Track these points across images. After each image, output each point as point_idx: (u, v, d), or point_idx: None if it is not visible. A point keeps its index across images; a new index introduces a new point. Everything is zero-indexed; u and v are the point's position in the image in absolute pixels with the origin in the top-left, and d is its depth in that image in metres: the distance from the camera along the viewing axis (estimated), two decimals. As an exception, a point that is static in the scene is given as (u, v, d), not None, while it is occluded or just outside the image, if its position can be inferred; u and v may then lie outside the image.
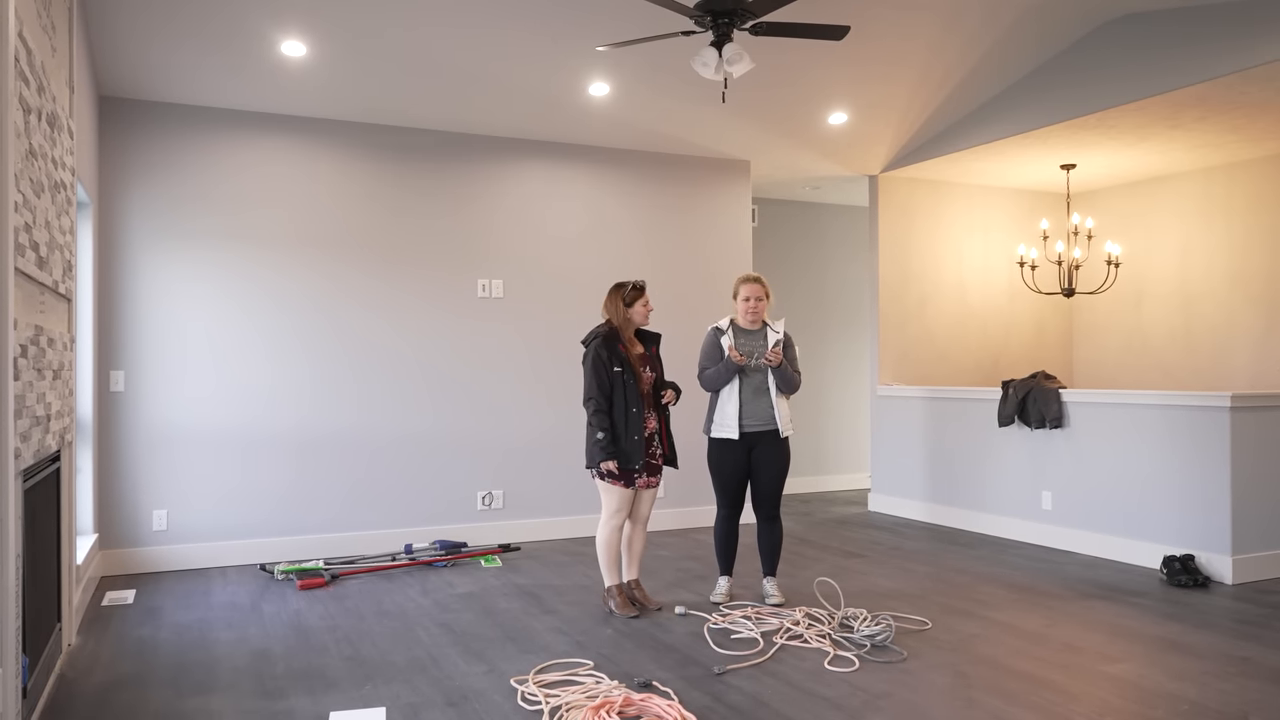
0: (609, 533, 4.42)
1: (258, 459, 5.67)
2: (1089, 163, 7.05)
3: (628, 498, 4.40)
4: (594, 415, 4.34)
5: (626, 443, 4.34)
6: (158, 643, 4.05)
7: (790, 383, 4.59)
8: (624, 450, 4.34)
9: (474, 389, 6.26)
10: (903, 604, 4.57)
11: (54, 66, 3.61)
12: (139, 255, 5.45)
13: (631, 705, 3.13)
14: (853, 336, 8.95)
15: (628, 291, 4.47)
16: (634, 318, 4.49)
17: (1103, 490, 5.68)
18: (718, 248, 7.06)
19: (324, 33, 4.82)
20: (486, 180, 6.33)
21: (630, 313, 4.48)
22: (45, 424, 3.21)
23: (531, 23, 4.84)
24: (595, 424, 4.33)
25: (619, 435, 4.35)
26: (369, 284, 5.99)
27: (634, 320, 4.49)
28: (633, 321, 4.49)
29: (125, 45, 4.82)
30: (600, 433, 4.31)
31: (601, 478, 4.39)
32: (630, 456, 4.35)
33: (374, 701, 3.30)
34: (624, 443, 4.34)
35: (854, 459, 8.96)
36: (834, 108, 6.19)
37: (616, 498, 4.38)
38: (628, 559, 4.58)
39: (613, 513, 4.40)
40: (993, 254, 8.00)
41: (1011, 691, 3.35)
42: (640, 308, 4.49)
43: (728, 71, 4.14)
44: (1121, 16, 5.41)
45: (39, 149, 3.10)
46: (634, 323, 4.50)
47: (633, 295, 4.47)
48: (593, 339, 4.46)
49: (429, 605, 4.65)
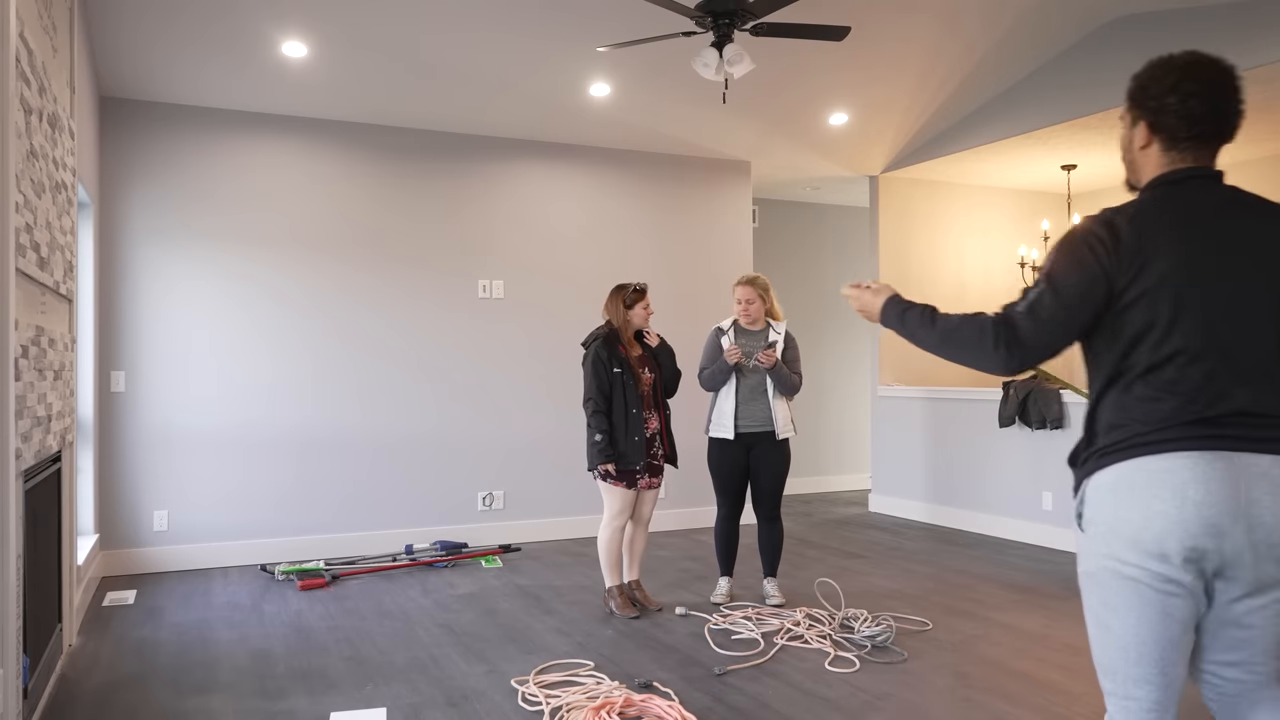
0: (610, 534, 4.42)
1: (259, 459, 5.67)
2: (1090, 163, 7.05)
3: (629, 499, 4.40)
4: (592, 417, 4.35)
5: (626, 444, 4.34)
6: (158, 643, 4.05)
7: (788, 384, 4.58)
8: (623, 451, 4.34)
9: (475, 389, 6.26)
10: (903, 604, 4.57)
11: (55, 67, 3.61)
12: (139, 256, 5.45)
13: (632, 706, 3.13)
14: (853, 337, 8.95)
15: (629, 294, 4.48)
16: (634, 320, 4.49)
17: (1103, 491, 5.67)
18: (718, 248, 7.07)
19: (325, 33, 4.82)
20: (488, 181, 6.33)
21: (630, 315, 4.48)
22: (46, 424, 3.21)
23: (532, 24, 4.84)
24: (594, 425, 4.33)
25: (618, 437, 4.35)
26: (370, 284, 5.99)
27: (634, 322, 4.50)
28: (632, 324, 4.50)
29: (126, 46, 4.82)
30: (599, 434, 4.31)
31: (603, 479, 4.38)
32: (630, 458, 4.35)
33: (375, 702, 3.30)
34: (623, 444, 4.34)
35: (854, 460, 8.96)
36: (834, 108, 6.19)
37: (618, 499, 4.38)
38: (628, 560, 4.58)
39: (615, 514, 4.40)
40: (993, 254, 8.00)
41: (1012, 692, 3.35)
42: (640, 310, 4.49)
43: (728, 72, 4.14)
44: (1123, 17, 5.41)
45: (40, 150, 3.10)
46: (634, 325, 4.50)
47: (634, 298, 4.48)
48: (592, 340, 4.46)
49: (430, 606, 4.65)
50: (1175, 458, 1.58)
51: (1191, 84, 1.75)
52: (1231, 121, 1.79)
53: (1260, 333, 1.63)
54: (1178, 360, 1.62)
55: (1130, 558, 1.61)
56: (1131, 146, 1.80)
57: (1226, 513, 1.55)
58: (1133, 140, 1.79)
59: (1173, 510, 1.56)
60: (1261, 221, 1.69)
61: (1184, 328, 1.62)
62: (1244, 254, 1.65)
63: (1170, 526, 1.57)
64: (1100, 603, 1.68)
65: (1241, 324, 1.62)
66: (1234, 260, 1.65)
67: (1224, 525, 1.55)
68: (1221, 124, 1.77)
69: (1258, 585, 1.58)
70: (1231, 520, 1.55)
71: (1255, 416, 1.60)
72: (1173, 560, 1.57)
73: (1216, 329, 1.62)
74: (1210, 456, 1.57)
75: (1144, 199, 1.73)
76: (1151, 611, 1.62)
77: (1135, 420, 1.64)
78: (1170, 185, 1.73)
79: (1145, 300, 1.63)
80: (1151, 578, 1.60)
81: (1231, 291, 1.63)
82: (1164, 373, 1.62)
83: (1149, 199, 1.72)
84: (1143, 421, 1.63)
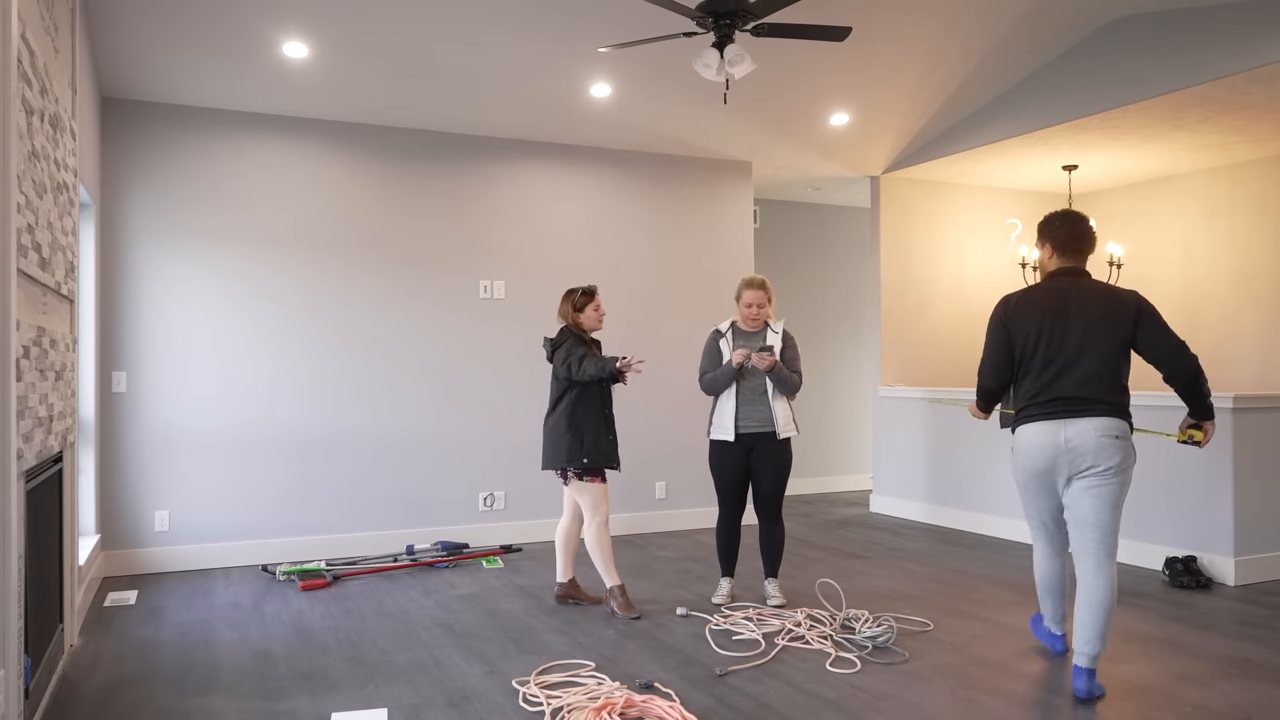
0: (597, 530, 4.42)
1: (260, 460, 5.68)
2: (1091, 163, 7.05)
3: (604, 492, 4.44)
4: (587, 364, 4.29)
5: (604, 444, 4.40)
6: (160, 643, 4.05)
7: (788, 384, 4.57)
8: (603, 451, 4.40)
9: (475, 390, 6.26)
10: (904, 605, 4.57)
11: (57, 68, 3.62)
12: (141, 256, 5.45)
13: (633, 706, 3.13)
14: (854, 338, 8.95)
15: (577, 297, 4.49)
16: (585, 322, 4.50)
17: (1105, 491, 5.67)
18: (719, 249, 7.07)
19: (326, 34, 4.82)
20: (488, 181, 6.34)
21: (581, 318, 4.49)
22: (48, 425, 3.22)
23: (533, 24, 4.85)
24: (592, 367, 4.29)
25: (596, 437, 4.39)
26: (371, 285, 5.99)
27: (584, 324, 4.50)
28: (583, 326, 4.50)
29: (127, 46, 4.82)
30: (596, 363, 4.29)
31: (578, 478, 4.42)
32: (609, 456, 4.42)
33: (375, 702, 3.30)
34: (602, 443, 4.40)
35: (855, 460, 8.96)
36: (835, 109, 6.19)
37: (597, 493, 4.42)
38: (568, 558, 4.66)
39: (594, 509, 4.42)
40: (994, 255, 8.00)
41: (1013, 693, 3.35)
42: (591, 312, 4.50)
43: (729, 73, 4.14)
44: (1124, 17, 5.41)
45: (42, 150, 3.11)
46: (585, 327, 4.51)
47: (582, 300, 4.49)
48: (565, 338, 4.47)
49: (430, 606, 4.65)
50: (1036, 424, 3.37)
51: (1065, 224, 3.48)
52: (1089, 244, 3.47)
53: (1075, 354, 3.32)
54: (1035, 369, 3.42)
55: (1029, 465, 3.42)
56: (1042, 256, 3.56)
57: (1053, 446, 3.30)
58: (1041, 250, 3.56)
59: (1039, 445, 3.36)
60: (1096, 294, 3.33)
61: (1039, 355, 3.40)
62: (1081, 314, 3.32)
63: (1039, 453, 3.36)
64: (1021, 486, 3.51)
65: (1063, 349, 3.35)
66: (1074, 318, 3.33)
67: (1056, 453, 3.30)
68: (1081, 244, 3.46)
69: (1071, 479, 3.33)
70: (1056, 451, 3.30)
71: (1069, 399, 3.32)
72: (1041, 466, 3.37)
73: (1058, 356, 3.35)
74: (1050, 423, 3.33)
75: (1043, 284, 3.46)
76: (1035, 487, 3.46)
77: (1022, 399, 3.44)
78: (1054, 276, 3.45)
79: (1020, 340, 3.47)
80: (1039, 473, 3.40)
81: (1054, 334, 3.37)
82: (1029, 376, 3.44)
83: (1046, 284, 3.45)
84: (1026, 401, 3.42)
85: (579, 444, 4.38)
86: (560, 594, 4.67)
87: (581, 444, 4.38)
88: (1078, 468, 3.25)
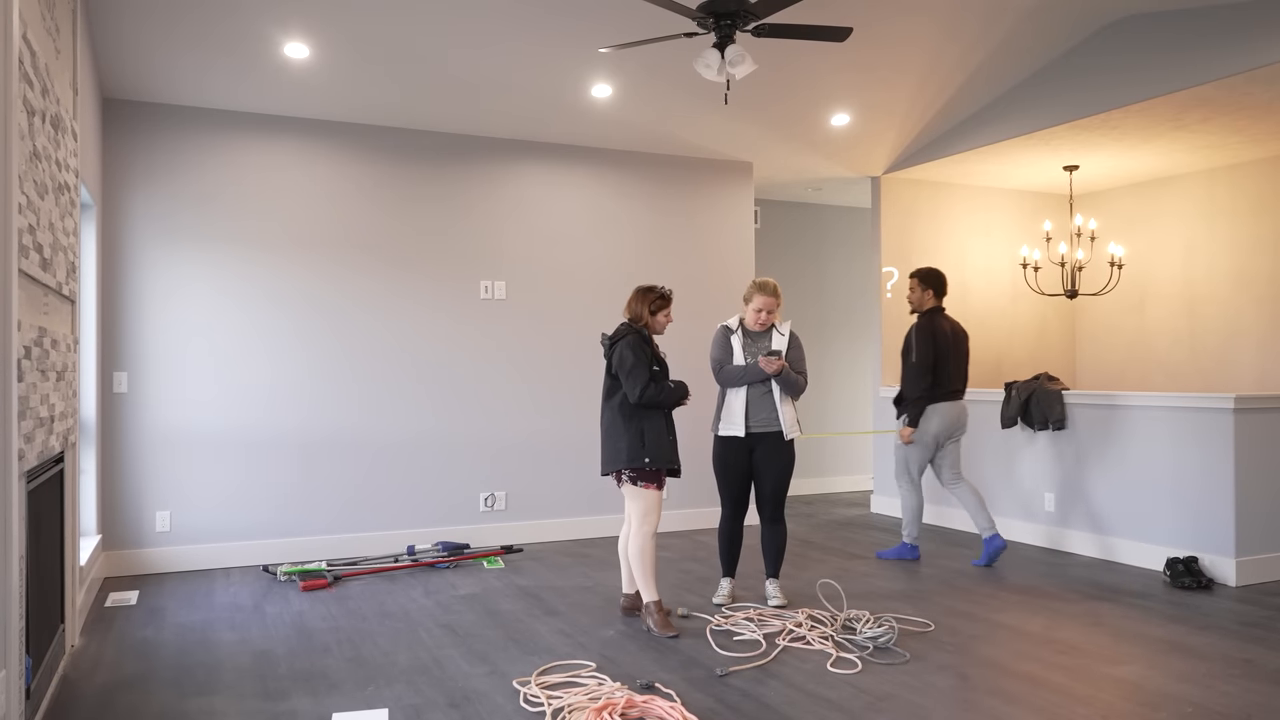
0: (644, 540, 4.19)
1: (260, 460, 5.68)
2: (1092, 164, 7.04)
3: (658, 501, 4.24)
4: (651, 389, 4.15)
5: (665, 443, 4.22)
6: (161, 644, 4.05)
7: (793, 386, 4.57)
8: (664, 450, 4.21)
9: (476, 390, 6.26)
10: (905, 606, 4.57)
11: (58, 69, 3.62)
12: (142, 257, 5.46)
13: (634, 707, 3.13)
14: (855, 338, 8.95)
15: (655, 298, 4.37)
16: (655, 325, 4.39)
17: (1106, 492, 5.68)
18: (720, 249, 7.07)
19: (327, 35, 4.83)
20: (489, 182, 6.34)
21: (653, 320, 4.38)
22: (49, 425, 3.22)
23: (534, 25, 4.85)
24: (658, 395, 4.16)
25: (659, 434, 4.21)
26: (372, 286, 5.99)
27: (654, 327, 4.39)
28: (653, 328, 4.39)
29: (128, 47, 4.83)
30: (668, 384, 4.21)
31: (632, 482, 4.22)
32: (670, 457, 4.24)
33: (376, 703, 3.30)
34: (664, 443, 4.21)
35: (856, 461, 8.96)
36: (836, 109, 6.19)
37: (650, 500, 4.21)
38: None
39: (643, 518, 4.21)
40: (995, 255, 8.00)
41: (1014, 693, 3.35)
42: (662, 317, 4.39)
43: (730, 73, 4.14)
44: (1125, 17, 5.41)
45: (43, 151, 3.11)
46: (654, 329, 4.39)
47: (659, 304, 4.37)
48: (626, 333, 4.32)
49: (431, 606, 4.66)
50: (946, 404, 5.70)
51: (939, 278, 5.80)
52: (945, 290, 5.83)
53: (960, 360, 5.72)
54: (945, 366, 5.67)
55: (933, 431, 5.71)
56: (920, 297, 5.79)
57: (953, 421, 5.66)
58: (921, 293, 5.79)
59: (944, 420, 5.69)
60: (953, 325, 5.76)
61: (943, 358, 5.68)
62: (952, 335, 5.73)
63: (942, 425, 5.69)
64: (921, 443, 5.75)
65: (957, 357, 5.71)
66: (951, 337, 5.71)
67: (951, 426, 5.69)
68: (943, 289, 5.79)
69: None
70: (951, 424, 5.67)
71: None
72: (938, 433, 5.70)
73: (949, 358, 5.67)
74: (953, 402, 5.68)
75: (930, 315, 5.74)
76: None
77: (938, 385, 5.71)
78: (935, 312, 5.74)
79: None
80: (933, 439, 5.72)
81: (953, 346, 5.70)
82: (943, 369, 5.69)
83: (931, 316, 5.74)
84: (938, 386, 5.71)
85: (640, 443, 4.16)
86: (626, 605, 4.47)
87: (643, 442, 4.16)
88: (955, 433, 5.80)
